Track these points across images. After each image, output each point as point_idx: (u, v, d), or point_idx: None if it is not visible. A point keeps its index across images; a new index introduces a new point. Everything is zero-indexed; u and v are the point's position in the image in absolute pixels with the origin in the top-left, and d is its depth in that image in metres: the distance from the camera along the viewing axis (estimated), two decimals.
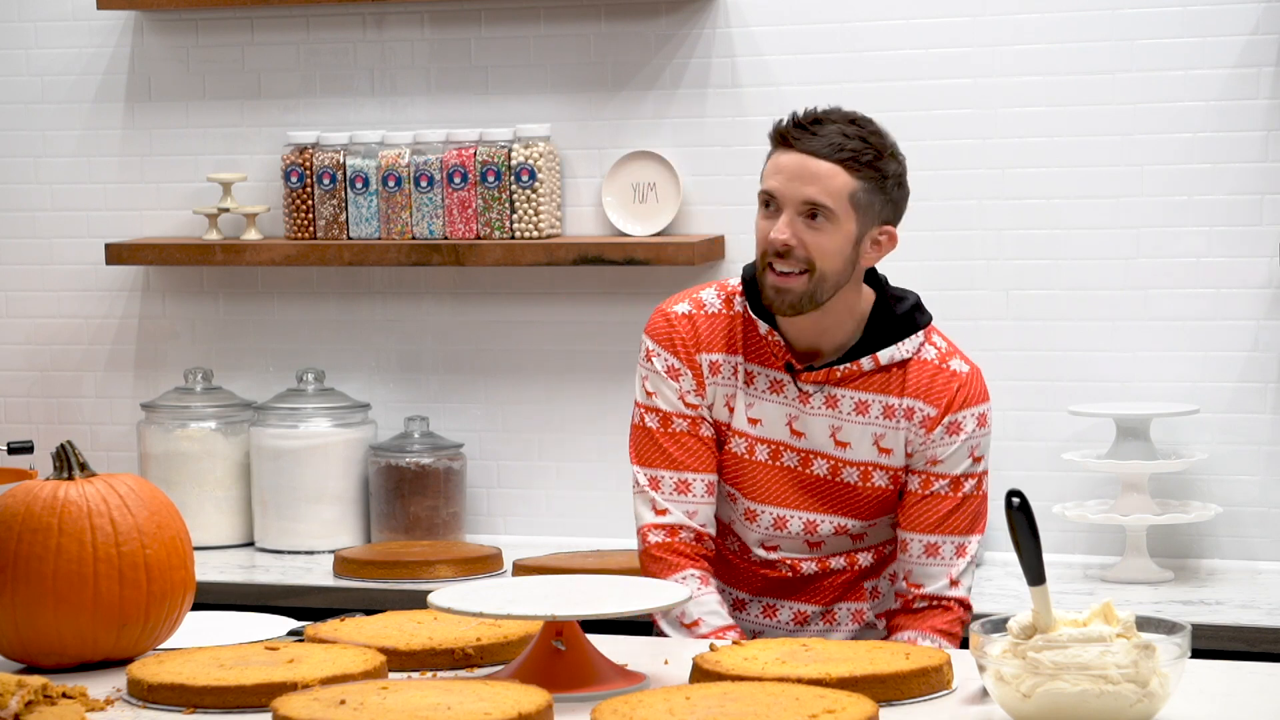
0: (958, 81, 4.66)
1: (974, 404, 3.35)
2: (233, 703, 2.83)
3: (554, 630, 2.94)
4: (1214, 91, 4.51)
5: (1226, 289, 4.54)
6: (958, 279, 4.68)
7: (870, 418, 3.34)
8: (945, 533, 3.33)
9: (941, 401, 3.33)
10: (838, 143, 3.25)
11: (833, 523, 3.38)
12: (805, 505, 3.38)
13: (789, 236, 3.25)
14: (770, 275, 3.28)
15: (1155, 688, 2.63)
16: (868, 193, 3.27)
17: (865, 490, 3.37)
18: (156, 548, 3.13)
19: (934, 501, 3.32)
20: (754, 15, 4.77)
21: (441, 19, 4.98)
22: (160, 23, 5.16)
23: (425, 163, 4.88)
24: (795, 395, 3.35)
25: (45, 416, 5.29)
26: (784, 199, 3.26)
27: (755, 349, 3.38)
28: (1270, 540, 4.54)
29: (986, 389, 3.39)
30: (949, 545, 3.32)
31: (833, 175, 3.25)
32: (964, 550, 3.33)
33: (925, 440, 3.33)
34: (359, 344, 5.10)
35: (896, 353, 3.35)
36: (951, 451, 3.33)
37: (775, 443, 3.37)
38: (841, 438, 3.34)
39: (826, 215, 3.25)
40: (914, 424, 3.33)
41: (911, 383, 3.34)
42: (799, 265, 3.26)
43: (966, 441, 3.33)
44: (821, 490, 3.37)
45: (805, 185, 3.24)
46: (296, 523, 4.90)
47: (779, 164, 3.28)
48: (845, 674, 2.80)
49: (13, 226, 5.30)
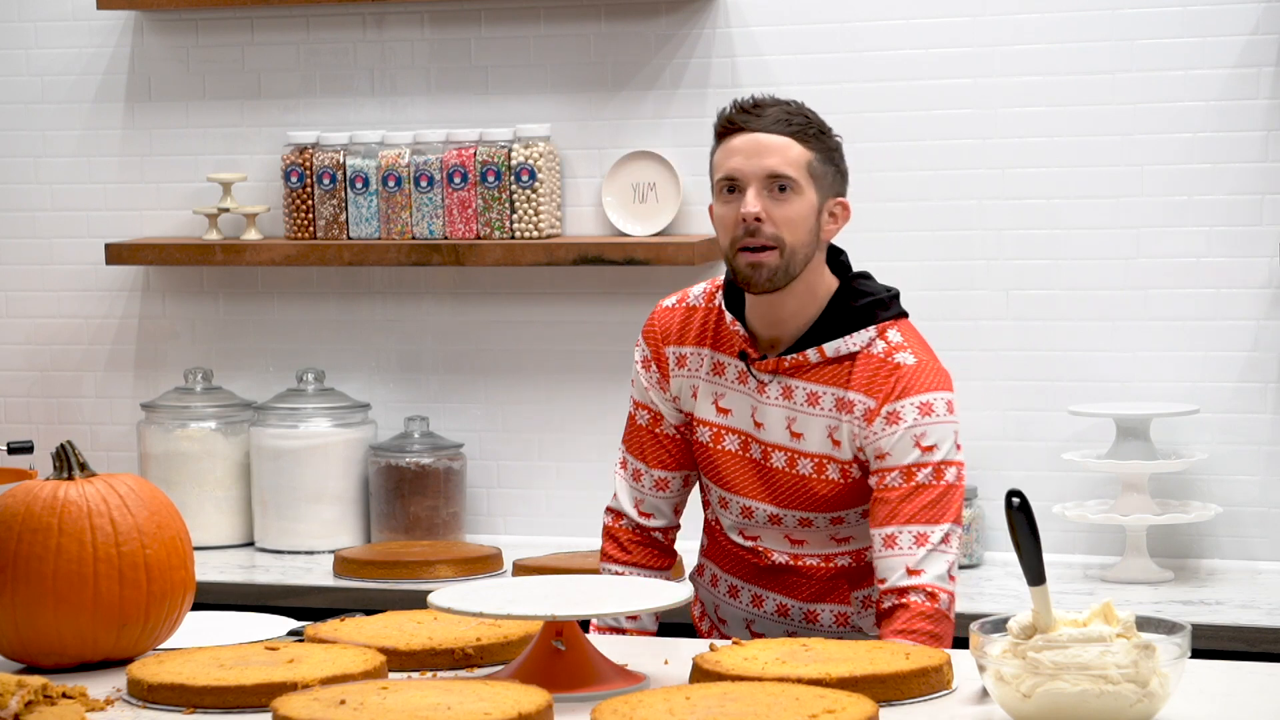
0: (958, 81, 4.66)
1: (914, 393, 3.31)
2: (233, 703, 2.83)
3: (554, 630, 2.94)
4: (1214, 91, 4.51)
5: (1226, 289, 4.54)
6: (958, 279, 4.68)
7: (822, 409, 3.34)
8: (900, 523, 3.27)
9: (880, 394, 3.32)
10: (784, 119, 3.32)
11: (795, 516, 3.38)
12: (768, 497, 3.39)
13: (759, 210, 3.29)
14: (744, 255, 3.31)
15: (1155, 688, 2.63)
16: (820, 163, 3.33)
17: (819, 483, 3.36)
18: (156, 548, 3.13)
19: (888, 495, 3.29)
20: (754, 15, 4.77)
21: (441, 19, 4.98)
22: (160, 23, 5.16)
23: (425, 163, 4.88)
24: (754, 385, 3.38)
25: (45, 416, 5.29)
26: (747, 176, 3.30)
27: (725, 340, 3.42)
28: (1270, 540, 4.54)
29: (939, 381, 3.35)
30: (906, 535, 3.27)
31: (788, 147, 3.31)
32: (924, 539, 3.26)
33: (868, 433, 3.31)
34: (359, 344, 5.10)
35: (843, 345, 3.34)
36: (895, 442, 3.29)
37: (742, 433, 3.40)
38: (796, 429, 3.35)
39: (791, 186, 3.30)
40: (856, 417, 3.32)
41: (857, 376, 3.34)
42: (769, 241, 3.30)
43: (909, 430, 3.29)
44: (781, 483, 3.38)
45: (765, 159, 3.30)
46: (296, 523, 4.90)
47: (733, 147, 3.33)
48: (845, 674, 2.80)
49: (13, 226, 5.30)
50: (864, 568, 3.43)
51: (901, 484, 3.29)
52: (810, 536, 3.40)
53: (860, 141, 4.72)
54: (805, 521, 3.38)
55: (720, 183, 3.34)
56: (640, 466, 3.51)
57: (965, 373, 4.69)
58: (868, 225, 4.72)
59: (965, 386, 4.68)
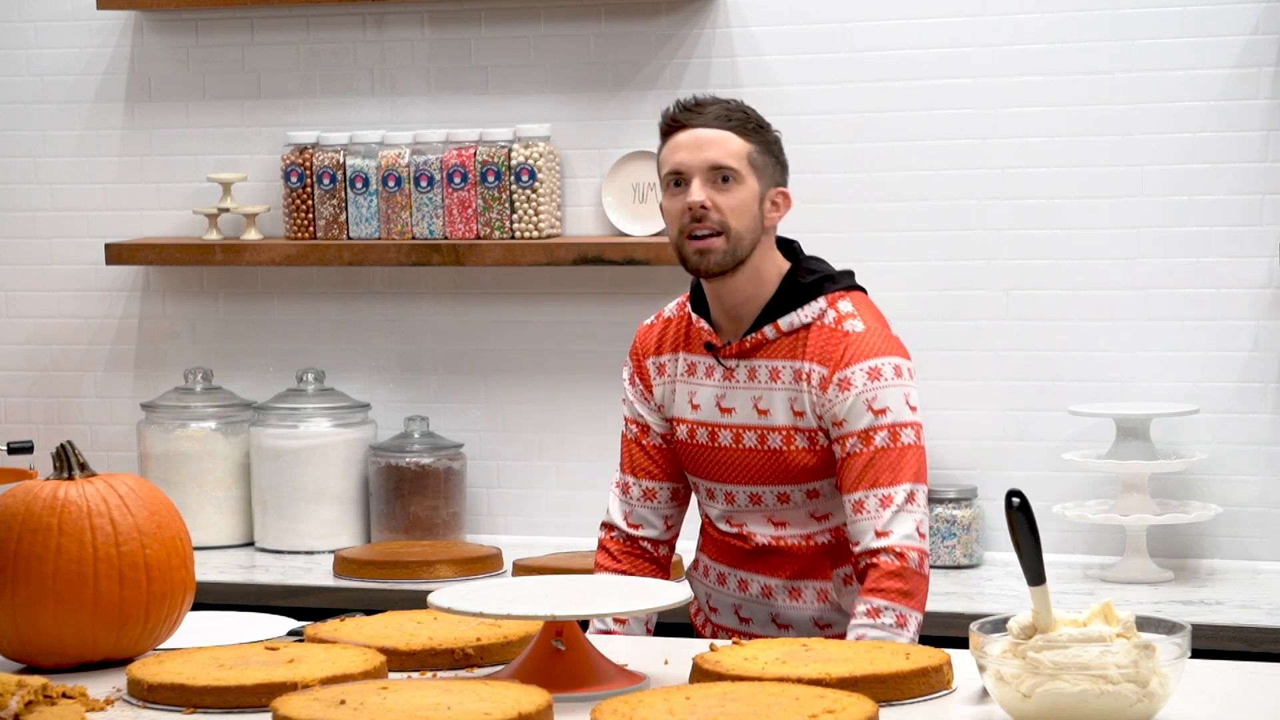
0: (958, 81, 4.66)
1: (863, 359, 3.42)
2: (233, 703, 2.83)
3: (554, 630, 2.94)
4: (1214, 91, 4.51)
5: (1226, 289, 4.54)
6: (958, 279, 4.68)
7: (783, 383, 3.46)
8: (866, 487, 3.38)
9: (830, 361, 3.43)
10: (723, 114, 3.47)
11: (774, 492, 3.48)
12: (746, 478, 3.49)
13: (704, 198, 3.42)
14: (691, 243, 3.45)
15: (1155, 688, 2.63)
16: (760, 154, 3.47)
17: (790, 454, 3.46)
18: (156, 548, 3.13)
19: (851, 461, 3.40)
20: (754, 15, 4.77)
21: (441, 19, 4.98)
22: (160, 23, 5.16)
23: (425, 163, 4.88)
24: (721, 374, 3.50)
25: (45, 416, 5.29)
26: (691, 169, 3.44)
27: (695, 340, 3.56)
28: (1270, 540, 4.54)
29: (887, 347, 3.45)
30: (872, 499, 3.37)
31: (728, 140, 3.45)
32: (889, 501, 3.36)
33: (823, 401, 3.43)
34: (359, 344, 5.10)
35: (796, 318, 3.47)
36: (848, 408, 3.40)
37: (710, 424, 3.51)
38: (763, 406, 3.46)
39: (733, 176, 3.44)
40: (812, 387, 3.44)
41: (811, 347, 3.46)
42: (715, 228, 3.43)
43: (860, 395, 3.40)
44: (755, 461, 3.48)
45: (708, 151, 3.44)
46: (296, 523, 4.90)
47: (677, 143, 3.48)
48: (845, 674, 2.80)
49: (13, 226, 5.30)
50: (844, 545, 3.50)
51: (861, 449, 3.38)
52: (790, 516, 3.48)
53: (860, 141, 4.72)
54: (784, 498, 3.47)
55: (667, 177, 3.48)
56: (629, 480, 3.63)
57: (965, 373, 4.69)
58: (868, 225, 4.72)
59: (965, 386, 4.69)
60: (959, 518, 4.58)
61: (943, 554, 4.59)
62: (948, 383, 4.70)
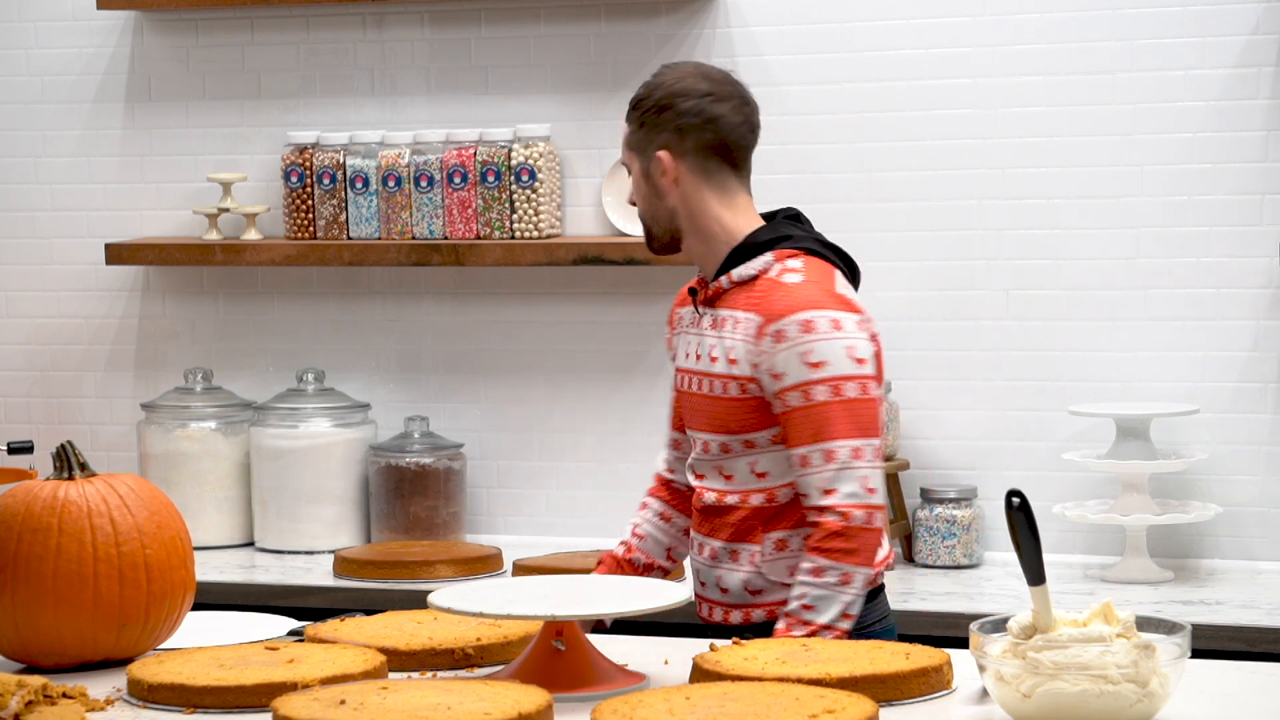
0: (958, 81, 4.66)
1: (797, 310, 3.37)
2: (233, 703, 2.83)
3: (554, 630, 2.94)
4: (1214, 91, 4.51)
5: (1226, 289, 4.54)
6: (958, 279, 4.68)
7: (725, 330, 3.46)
8: (809, 441, 3.35)
9: (765, 311, 3.40)
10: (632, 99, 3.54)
11: (717, 441, 3.47)
12: (702, 424, 3.49)
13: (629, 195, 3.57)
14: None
15: (1155, 688, 2.63)
16: (635, 132, 3.51)
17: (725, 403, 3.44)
18: (156, 548, 3.13)
19: (793, 416, 3.37)
20: (754, 15, 4.77)
21: (441, 19, 4.98)
22: (160, 23, 5.16)
23: (425, 163, 4.88)
24: (703, 322, 3.51)
25: (45, 416, 5.29)
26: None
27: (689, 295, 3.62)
28: (1270, 540, 4.54)
29: (824, 301, 3.39)
30: (816, 454, 3.34)
31: (624, 132, 3.54)
32: (832, 456, 3.33)
33: (759, 350, 3.39)
34: (359, 344, 5.10)
35: (746, 270, 3.46)
36: (785, 361, 3.37)
37: (684, 371, 3.53)
38: (716, 353, 3.46)
39: (628, 169, 3.54)
40: (749, 335, 3.41)
41: (754, 296, 3.44)
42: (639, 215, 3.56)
43: (794, 348, 3.35)
44: (704, 407, 3.48)
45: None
46: (296, 523, 4.90)
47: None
48: (845, 674, 2.80)
49: (13, 226, 5.30)
50: (777, 509, 3.45)
51: (802, 402, 3.35)
52: (735, 470, 3.46)
53: (860, 141, 4.72)
54: (725, 448, 3.46)
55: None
56: (667, 429, 3.70)
57: (965, 373, 4.69)
58: (868, 225, 4.72)
59: (965, 386, 4.69)
60: (959, 518, 4.58)
61: (943, 554, 4.59)
62: (948, 383, 4.70)
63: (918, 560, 4.63)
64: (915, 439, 4.72)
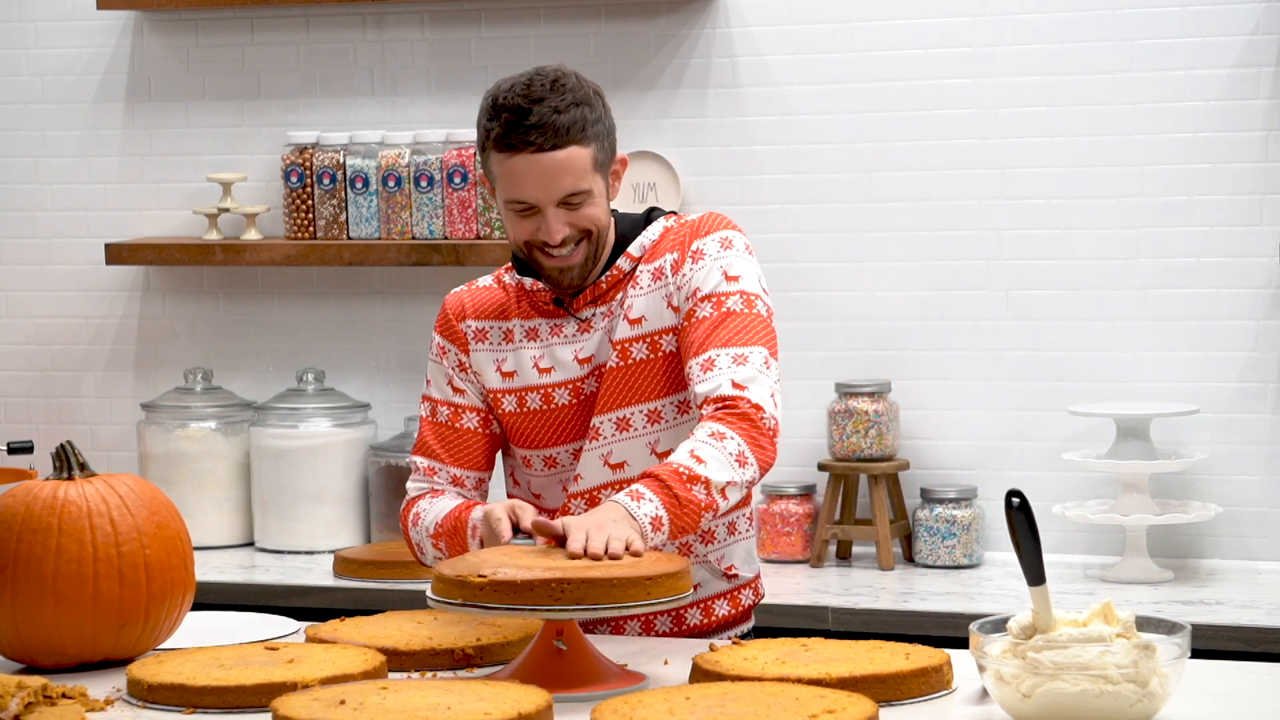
0: (958, 81, 4.66)
1: (710, 231, 3.31)
2: (233, 703, 2.83)
3: (554, 630, 2.94)
4: (1214, 91, 4.51)
5: (1226, 289, 4.54)
6: (958, 279, 4.68)
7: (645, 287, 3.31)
8: (718, 345, 3.21)
9: (678, 245, 3.31)
10: (561, 125, 3.22)
11: (611, 420, 3.31)
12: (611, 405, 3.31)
13: (566, 232, 3.26)
14: (550, 260, 3.28)
15: (1155, 688, 2.63)
16: (599, 150, 3.27)
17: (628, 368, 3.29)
18: (156, 548, 3.13)
19: (701, 323, 3.24)
20: (754, 15, 4.77)
21: (441, 19, 4.98)
22: (160, 23, 5.16)
23: (425, 163, 4.89)
24: (575, 328, 3.35)
25: (45, 416, 5.29)
26: (543, 202, 3.25)
27: (533, 306, 3.38)
28: (1270, 540, 4.54)
29: (733, 225, 3.33)
30: (724, 357, 3.20)
31: (573, 158, 3.23)
32: (744, 360, 3.19)
33: (682, 282, 3.29)
34: (359, 344, 5.10)
35: (645, 238, 3.34)
36: (705, 275, 3.27)
37: (571, 381, 3.35)
38: (618, 336, 3.31)
39: (586, 196, 3.25)
40: (666, 277, 3.30)
41: (662, 248, 3.33)
42: (576, 238, 3.27)
43: (715, 262, 3.28)
44: (619, 381, 3.31)
45: (558, 181, 3.23)
46: (296, 523, 4.90)
47: (518, 170, 3.23)
48: (845, 674, 2.80)
49: (13, 226, 5.30)
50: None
51: (713, 313, 3.24)
52: (630, 454, 3.31)
53: (860, 141, 4.72)
54: (623, 424, 3.30)
55: (510, 203, 3.27)
56: (445, 469, 3.43)
57: (965, 373, 4.69)
58: (868, 225, 4.72)
59: (965, 386, 4.69)
60: (959, 518, 4.58)
61: (943, 554, 4.59)
62: (948, 383, 4.70)
63: (918, 560, 4.63)
64: (915, 439, 4.72)
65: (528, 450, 3.40)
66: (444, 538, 3.32)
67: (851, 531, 4.63)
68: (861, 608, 4.24)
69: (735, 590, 3.41)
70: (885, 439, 4.61)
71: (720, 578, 3.39)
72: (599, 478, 3.33)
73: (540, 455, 3.39)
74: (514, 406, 3.37)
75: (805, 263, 4.73)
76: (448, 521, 3.32)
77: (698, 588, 3.35)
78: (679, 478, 3.07)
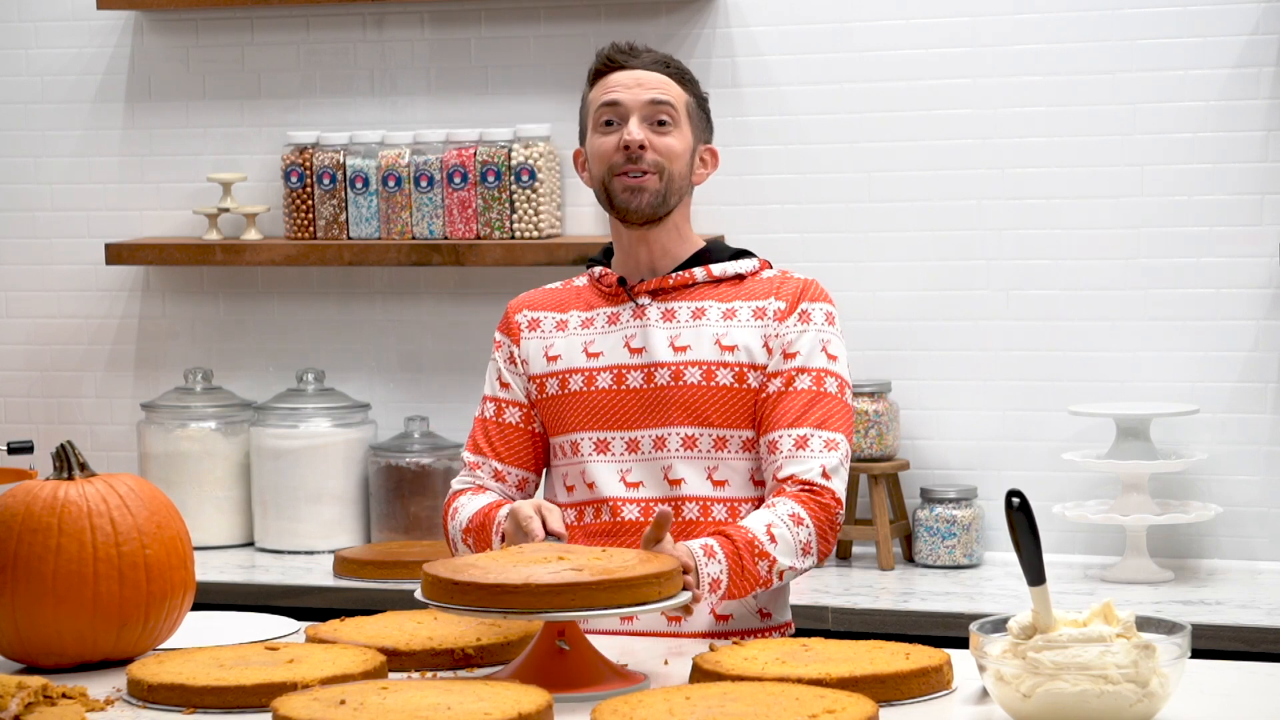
0: (958, 81, 4.66)
1: (820, 300, 3.37)
2: (233, 703, 2.83)
3: (555, 630, 2.94)
4: (1214, 91, 4.51)
5: (1226, 289, 4.54)
6: (958, 279, 4.68)
7: (708, 320, 3.36)
8: (810, 425, 3.28)
9: (788, 296, 3.36)
10: (662, 61, 3.42)
11: (680, 434, 3.33)
12: (651, 421, 3.34)
13: (643, 137, 3.35)
14: (623, 179, 3.36)
15: (1155, 688, 2.63)
16: (695, 107, 3.43)
17: (709, 390, 3.32)
18: (156, 548, 3.13)
19: (797, 395, 3.30)
20: (754, 15, 4.77)
21: (441, 19, 4.98)
22: (160, 23, 5.16)
23: (425, 163, 4.89)
24: (631, 314, 3.39)
25: (45, 416, 5.29)
26: (630, 106, 3.37)
27: (597, 294, 3.44)
28: (1270, 540, 4.54)
29: (830, 298, 3.40)
30: (817, 439, 3.27)
31: (668, 84, 3.40)
32: (834, 445, 3.27)
33: (781, 330, 3.33)
34: (359, 344, 5.10)
35: (730, 267, 3.41)
36: (806, 342, 3.32)
37: (616, 367, 3.37)
38: (679, 344, 3.35)
39: (671, 118, 3.38)
40: (768, 319, 3.35)
41: (755, 289, 3.38)
42: (650, 167, 3.36)
43: (819, 334, 3.33)
44: (665, 399, 3.34)
45: (648, 90, 3.38)
46: (296, 523, 4.90)
47: (614, 81, 3.40)
48: (845, 674, 2.80)
49: (13, 226, 5.30)
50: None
51: (811, 387, 3.31)
52: (690, 473, 3.34)
53: (860, 141, 4.72)
54: (689, 442, 3.33)
55: (599, 112, 3.40)
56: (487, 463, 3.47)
57: (965, 373, 4.69)
58: (868, 225, 4.72)
59: (965, 386, 4.69)
60: (959, 518, 4.59)
61: (943, 554, 4.59)
62: (948, 383, 4.70)
63: (918, 560, 4.63)
64: (915, 439, 4.72)
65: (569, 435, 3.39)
66: (473, 534, 3.38)
67: (851, 531, 4.63)
68: (861, 608, 4.24)
69: (766, 630, 3.42)
70: (885, 439, 4.61)
71: (754, 614, 3.40)
72: (657, 490, 3.36)
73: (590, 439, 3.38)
74: (556, 389, 3.41)
75: (805, 263, 4.73)
76: (478, 518, 3.38)
77: (729, 619, 3.37)
78: (751, 548, 3.18)
